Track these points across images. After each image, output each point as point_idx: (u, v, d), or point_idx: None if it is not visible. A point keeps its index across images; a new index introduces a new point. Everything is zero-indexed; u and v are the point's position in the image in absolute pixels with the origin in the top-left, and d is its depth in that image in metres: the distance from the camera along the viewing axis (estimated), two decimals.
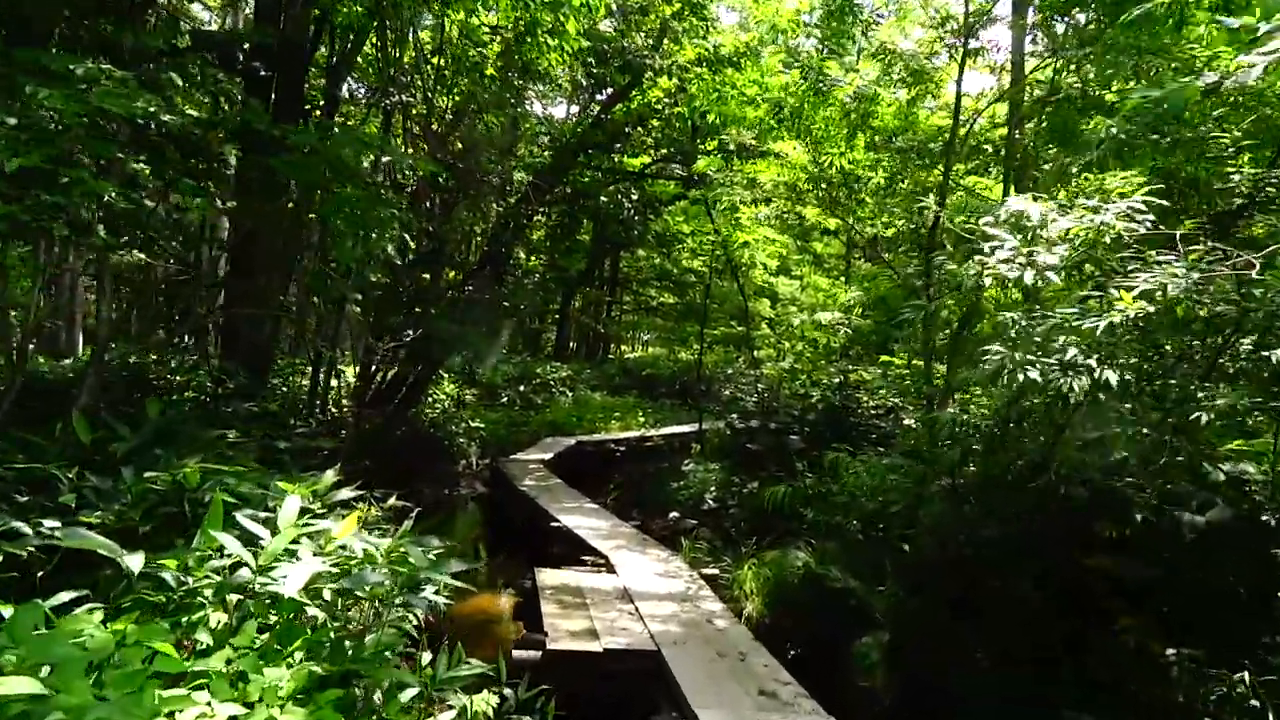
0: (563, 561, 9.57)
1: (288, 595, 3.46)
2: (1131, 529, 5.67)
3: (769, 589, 8.68)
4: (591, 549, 9.00)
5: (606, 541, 9.21)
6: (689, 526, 11.16)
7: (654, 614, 6.67)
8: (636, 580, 7.72)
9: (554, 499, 11.66)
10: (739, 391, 15.93)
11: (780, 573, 8.73)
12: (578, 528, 9.83)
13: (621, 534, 9.77)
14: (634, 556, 8.63)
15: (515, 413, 21.64)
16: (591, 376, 27.13)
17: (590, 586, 7.40)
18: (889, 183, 9.26)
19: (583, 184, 18.35)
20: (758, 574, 8.79)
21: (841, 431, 11.93)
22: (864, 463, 8.43)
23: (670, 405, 24.89)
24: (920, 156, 9.53)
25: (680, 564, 8.55)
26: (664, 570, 8.19)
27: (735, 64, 13.39)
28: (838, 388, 12.80)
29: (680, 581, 7.83)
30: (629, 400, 24.68)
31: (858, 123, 9.29)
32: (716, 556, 9.22)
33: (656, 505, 13.32)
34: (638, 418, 22.38)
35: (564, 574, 7.81)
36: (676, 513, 12.41)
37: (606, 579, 7.76)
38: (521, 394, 23.32)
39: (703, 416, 15.68)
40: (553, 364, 26.71)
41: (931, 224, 8.70)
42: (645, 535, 9.81)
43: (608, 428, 21.39)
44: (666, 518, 12.52)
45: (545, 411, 22.17)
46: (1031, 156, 10.94)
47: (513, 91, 12.90)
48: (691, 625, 6.47)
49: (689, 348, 28.64)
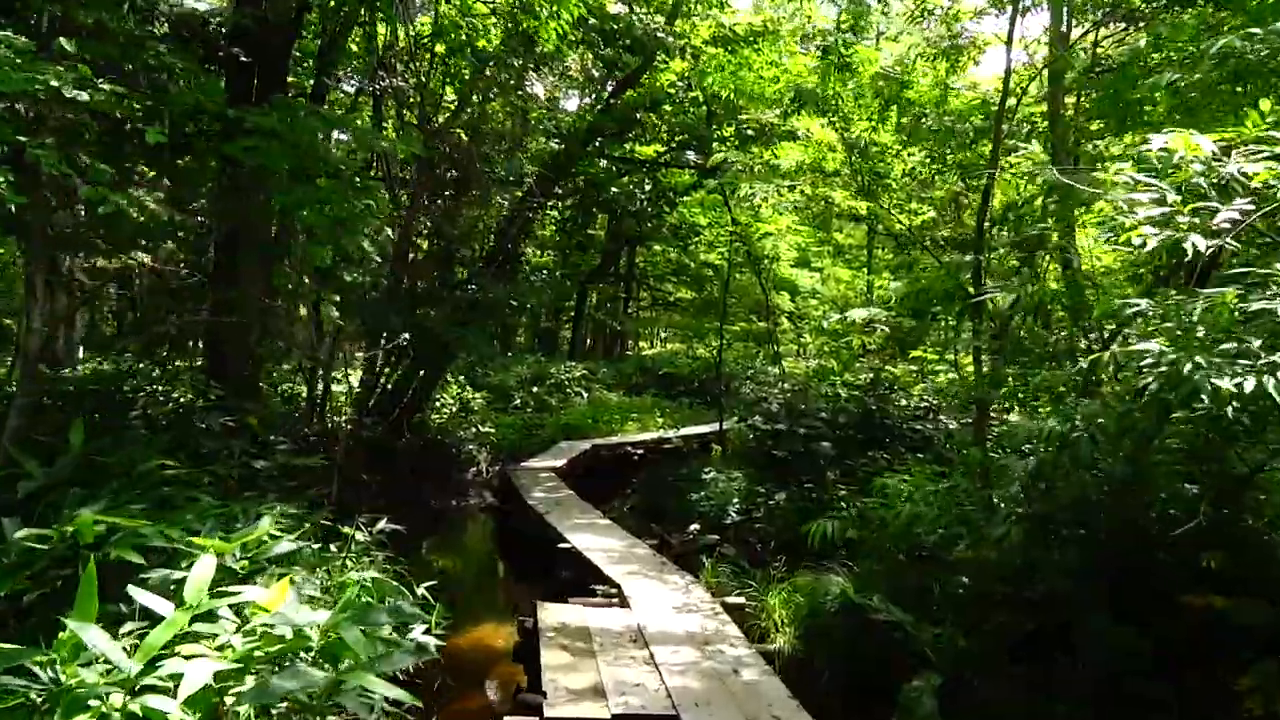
0: (571, 588, 8.67)
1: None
2: (1247, 562, 4.69)
3: (801, 619, 7.75)
4: (602, 576, 8.09)
5: (619, 566, 8.29)
6: (711, 543, 10.25)
7: (672, 663, 5.75)
8: (652, 616, 6.80)
9: (564, 514, 10.75)
10: (762, 391, 14.95)
11: (814, 600, 7.79)
12: (588, 550, 8.92)
13: (636, 556, 8.85)
14: (649, 586, 7.71)
15: (529, 416, 20.79)
16: (608, 375, 26.23)
17: (599, 627, 6.48)
18: (930, 159, 8.24)
19: (592, 174, 17.43)
20: (788, 601, 7.85)
21: (876, 436, 10.97)
22: (911, 479, 7.44)
23: (689, 404, 23.98)
24: (955, 135, 8.55)
25: (701, 593, 7.62)
26: (683, 602, 7.26)
27: (752, 43, 12.45)
28: (870, 387, 11.81)
29: (701, 616, 6.90)
30: (646, 400, 23.77)
31: (892, 95, 8.29)
32: (741, 581, 8.28)
33: (676, 517, 12.41)
34: (656, 418, 21.47)
35: (569, 610, 6.90)
36: (697, 525, 11.50)
37: (617, 616, 6.84)
38: (535, 396, 22.46)
39: (723, 416, 14.73)
40: (567, 364, 25.81)
41: (983, 198, 7.71)
42: (662, 558, 8.88)
43: (624, 429, 20.49)
44: (686, 531, 11.60)
45: (560, 414, 21.30)
46: (1073, 129, 9.94)
47: (514, 74, 11.97)
48: (715, 677, 5.54)
49: (707, 344, 27.73)
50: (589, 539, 9.39)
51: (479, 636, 8.41)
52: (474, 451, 17.22)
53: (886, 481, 6.69)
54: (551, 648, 5.96)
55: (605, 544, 9.25)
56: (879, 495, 7.02)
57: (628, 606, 7.08)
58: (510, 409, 21.11)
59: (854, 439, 11.00)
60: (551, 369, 24.28)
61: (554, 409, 21.78)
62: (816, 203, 8.94)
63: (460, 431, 17.28)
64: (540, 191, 16.16)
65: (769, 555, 9.93)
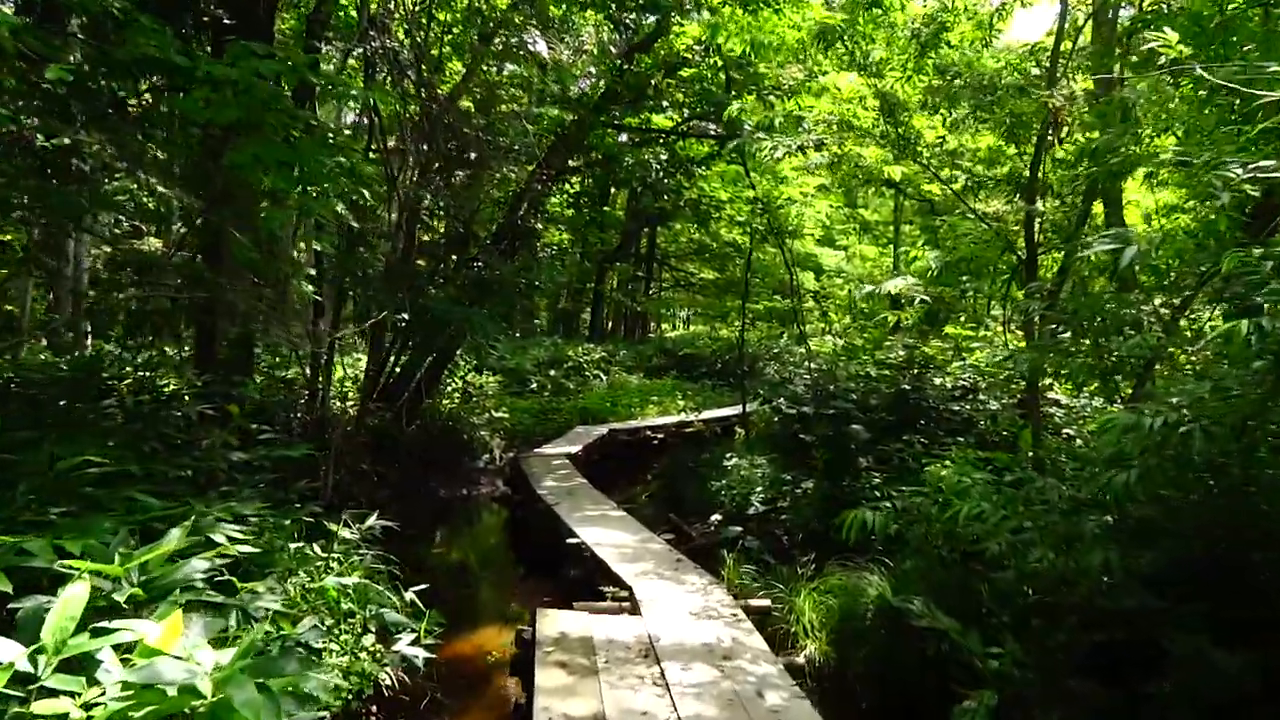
0: (580, 587, 7.96)
1: None
2: None
3: (833, 624, 6.97)
4: (612, 575, 7.34)
5: (631, 565, 7.54)
6: (733, 535, 9.46)
7: (686, 683, 4.99)
8: (665, 624, 6.05)
9: (575, 506, 10.02)
10: (787, 371, 14.12)
11: (847, 603, 7.01)
12: (599, 545, 8.18)
13: (650, 552, 8.10)
14: (663, 588, 6.95)
15: (545, 400, 20.14)
16: (627, 358, 25.52)
17: (604, 638, 5.73)
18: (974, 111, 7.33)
19: (606, 147, 16.60)
20: (818, 604, 7.08)
21: (910, 418, 10.12)
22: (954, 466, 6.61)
23: (712, 386, 23.28)
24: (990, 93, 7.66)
25: (721, 595, 6.85)
26: (701, 606, 6.49)
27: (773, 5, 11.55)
28: (904, 366, 10.94)
29: (721, 624, 6.14)
30: (667, 382, 23.06)
31: (930, 39, 7.41)
32: (766, 582, 7.50)
33: (696, 506, 11.65)
34: (677, 401, 20.76)
35: (572, 619, 6.16)
36: (719, 515, 10.73)
37: (626, 625, 6.08)
38: (552, 379, 21.79)
39: (746, 398, 13.92)
40: (586, 346, 25.09)
41: (1037, 146, 6.83)
42: (679, 555, 8.10)
43: (644, 413, 19.79)
44: (708, 521, 10.83)
45: (578, 397, 20.63)
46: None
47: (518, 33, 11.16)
48: (737, 703, 4.77)
49: (729, 324, 26.90)
50: (600, 533, 8.66)
51: (480, 642, 7.71)
52: (487, 438, 16.56)
53: (941, 473, 5.77)
54: (548, 666, 5.22)
55: (617, 538, 8.50)
56: (931, 487, 6.13)
57: (638, 613, 6.33)
58: (526, 393, 20.47)
59: (887, 422, 10.16)
60: (569, 351, 23.62)
61: (571, 393, 21.15)
62: (846, 164, 8.06)
63: (473, 417, 16.62)
64: (552, 164, 15.38)
65: (796, 548, 9.16)
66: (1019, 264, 6.80)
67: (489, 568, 10.98)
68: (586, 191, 19.52)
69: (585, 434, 16.37)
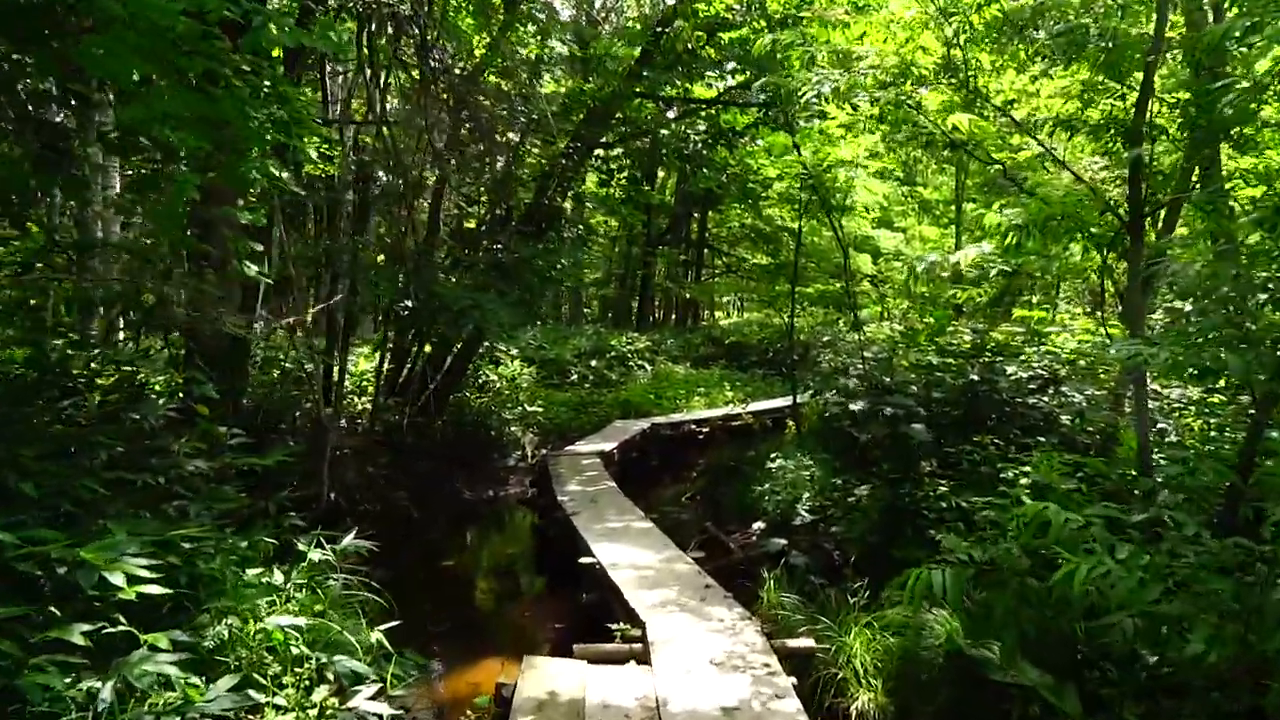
0: (595, 613, 6.88)
1: None
2: None
3: (892, 668, 5.75)
4: (626, 606, 6.20)
5: (649, 593, 6.38)
6: (776, 549, 8.26)
7: None
8: (679, 679, 4.88)
9: (596, 516, 8.89)
10: (841, 360, 12.84)
11: (910, 644, 5.77)
12: (614, 566, 7.04)
13: (674, 576, 6.92)
14: (684, 624, 5.78)
15: (585, 392, 19.11)
16: (674, 347, 24.36)
17: (599, 701, 4.59)
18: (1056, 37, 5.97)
19: (640, 118, 15.42)
20: (874, 645, 5.85)
21: (981, 415, 8.77)
22: (1035, 471, 5.30)
23: (762, 376, 22.04)
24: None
25: (753, 635, 5.65)
26: (726, 653, 5.30)
27: None
28: (972, 354, 9.56)
29: (750, 680, 4.94)
30: (715, 373, 21.88)
31: None
32: (810, 615, 6.28)
33: (737, 511, 10.47)
34: (724, 392, 19.58)
35: (564, 670, 5.03)
36: (762, 523, 9.54)
37: (630, 680, 4.93)
38: (594, 370, 20.74)
39: (797, 389, 12.66)
40: (630, 335, 23.98)
41: (1145, 77, 5.47)
42: (707, 579, 6.87)
43: (690, 405, 18.65)
44: (748, 531, 9.66)
45: (619, 389, 19.56)
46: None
47: None
48: None
49: (779, 309, 25.64)
50: (619, 551, 7.51)
51: (476, 681, 6.60)
52: (519, 434, 15.56)
53: (1045, 513, 4.14)
54: None
55: (637, 558, 7.35)
56: (1017, 524, 4.68)
57: (648, 660, 5.17)
58: (566, 385, 19.46)
59: (952, 418, 8.85)
60: (612, 341, 22.53)
61: (614, 384, 20.09)
62: (903, 113, 6.73)
63: (504, 412, 15.64)
64: (582, 140, 14.25)
65: (848, 566, 7.94)
66: (1120, 226, 5.47)
67: (506, 583, 9.93)
68: (624, 168, 18.35)
69: (623, 429, 15.26)
